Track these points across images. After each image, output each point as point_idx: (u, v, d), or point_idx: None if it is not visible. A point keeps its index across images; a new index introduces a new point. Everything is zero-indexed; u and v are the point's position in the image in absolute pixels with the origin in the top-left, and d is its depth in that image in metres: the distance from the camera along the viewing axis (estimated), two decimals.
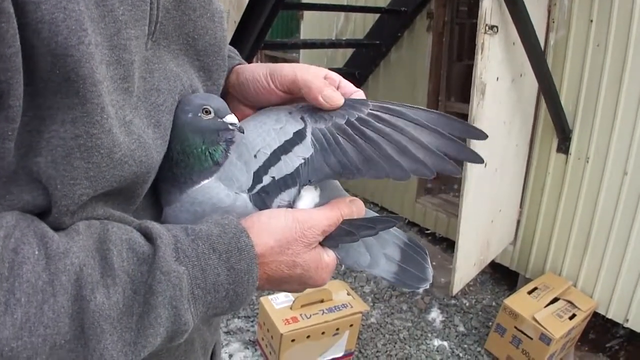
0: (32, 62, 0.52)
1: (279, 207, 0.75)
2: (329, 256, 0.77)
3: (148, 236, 0.63)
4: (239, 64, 0.90)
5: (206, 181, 0.74)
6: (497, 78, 2.84)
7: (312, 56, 5.72)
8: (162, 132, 0.68)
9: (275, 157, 0.76)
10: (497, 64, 2.82)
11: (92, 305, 0.55)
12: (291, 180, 0.75)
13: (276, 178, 0.75)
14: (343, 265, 0.82)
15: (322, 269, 0.75)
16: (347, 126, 0.76)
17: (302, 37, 5.88)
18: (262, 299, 3.04)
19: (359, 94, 0.84)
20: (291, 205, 0.76)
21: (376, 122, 0.76)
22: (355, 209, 0.78)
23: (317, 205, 0.78)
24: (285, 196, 0.75)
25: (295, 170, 0.75)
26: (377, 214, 0.84)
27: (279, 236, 0.70)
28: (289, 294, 3.04)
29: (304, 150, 0.76)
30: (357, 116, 0.77)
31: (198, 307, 0.63)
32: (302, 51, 6.01)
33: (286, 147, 0.76)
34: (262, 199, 0.75)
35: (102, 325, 0.55)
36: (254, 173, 0.75)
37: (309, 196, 0.78)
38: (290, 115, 0.79)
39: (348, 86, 0.84)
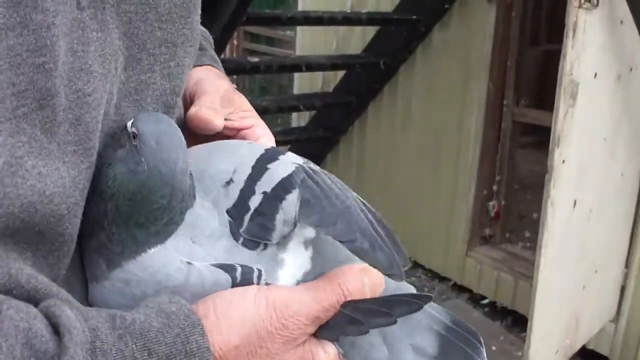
0: None
1: (284, 221, 0.77)
2: (326, 353, 0.76)
3: (56, 327, 0.62)
4: (208, 64, 0.98)
5: (153, 248, 0.74)
6: (595, 74, 2.83)
7: (313, 36, 5.74)
8: (83, 140, 0.68)
9: (259, 168, 0.80)
10: (596, 54, 2.80)
11: None
12: (289, 183, 0.78)
13: (268, 191, 0.78)
14: None
15: None
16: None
17: (300, 8, 5.91)
18: None
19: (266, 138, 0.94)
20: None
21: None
22: (368, 282, 0.76)
23: (308, 275, 0.79)
24: (288, 202, 0.77)
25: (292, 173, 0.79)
26: (405, 285, 0.83)
27: (247, 330, 0.70)
28: None
29: (291, 157, 0.83)
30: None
31: None
32: (299, 29, 6.02)
33: (270, 156, 0.82)
34: (261, 225, 0.76)
35: None
36: (234, 204, 0.77)
37: (294, 262, 0.79)
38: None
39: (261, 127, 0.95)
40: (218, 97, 0.92)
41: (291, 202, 0.77)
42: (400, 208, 5.07)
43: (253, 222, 0.76)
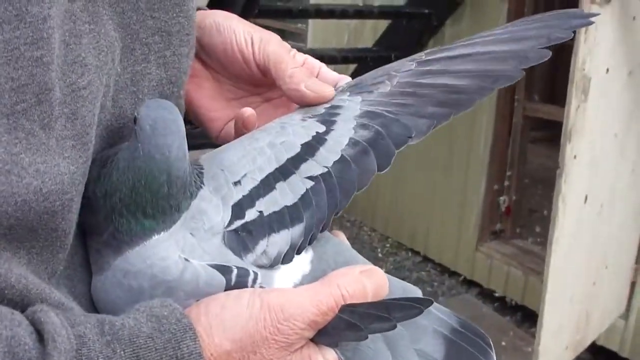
0: None
1: (264, 252, 0.74)
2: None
3: (41, 334, 0.61)
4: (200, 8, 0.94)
5: (158, 235, 0.73)
6: (607, 69, 2.82)
7: (326, 29, 5.72)
8: (80, 134, 0.67)
9: (266, 185, 0.77)
10: (608, 49, 2.79)
11: None
12: (292, 216, 0.76)
13: (264, 213, 0.75)
14: None
15: None
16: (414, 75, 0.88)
17: (312, 1, 5.88)
18: None
19: (325, 67, 0.91)
20: (290, 254, 0.76)
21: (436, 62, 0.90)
22: (370, 285, 0.74)
23: (306, 278, 0.77)
24: (279, 239, 0.75)
25: (300, 200, 0.77)
26: (411, 288, 0.82)
27: (240, 334, 0.68)
28: None
29: (321, 162, 0.79)
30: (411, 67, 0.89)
31: None
32: (311, 22, 6.00)
33: (286, 170, 0.78)
34: (242, 241, 0.74)
35: None
36: (233, 206, 0.75)
37: (292, 264, 0.77)
38: (304, 120, 0.82)
39: (329, 74, 0.91)
40: (295, 59, 0.89)
41: (280, 240, 0.75)
42: (410, 202, 5.06)
43: (237, 233, 0.75)
